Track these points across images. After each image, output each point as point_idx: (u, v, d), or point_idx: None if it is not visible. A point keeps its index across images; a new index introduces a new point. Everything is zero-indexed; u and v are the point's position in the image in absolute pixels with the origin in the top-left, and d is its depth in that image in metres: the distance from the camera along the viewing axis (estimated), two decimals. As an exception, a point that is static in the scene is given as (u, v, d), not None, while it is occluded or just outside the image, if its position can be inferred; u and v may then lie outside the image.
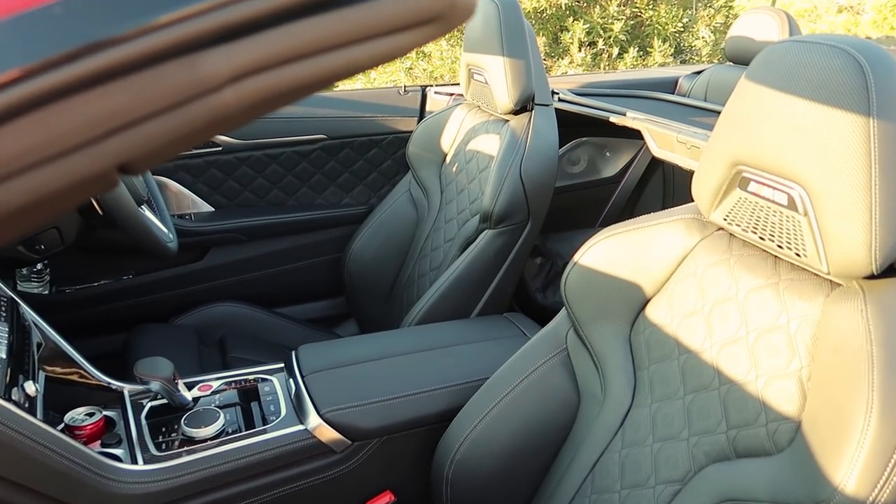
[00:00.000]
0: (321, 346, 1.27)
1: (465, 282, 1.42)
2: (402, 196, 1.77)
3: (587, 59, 4.95)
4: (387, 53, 0.33)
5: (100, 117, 0.27)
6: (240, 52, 0.29)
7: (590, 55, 4.97)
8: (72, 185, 0.28)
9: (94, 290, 1.71)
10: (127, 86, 0.27)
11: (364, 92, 1.89)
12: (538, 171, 1.40)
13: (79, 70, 0.27)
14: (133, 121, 0.28)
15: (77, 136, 0.28)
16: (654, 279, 0.96)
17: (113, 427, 1.13)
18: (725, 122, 0.83)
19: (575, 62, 4.93)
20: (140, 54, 0.27)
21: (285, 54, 0.30)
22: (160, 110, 0.28)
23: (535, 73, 1.44)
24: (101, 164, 0.28)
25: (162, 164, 0.32)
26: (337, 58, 0.31)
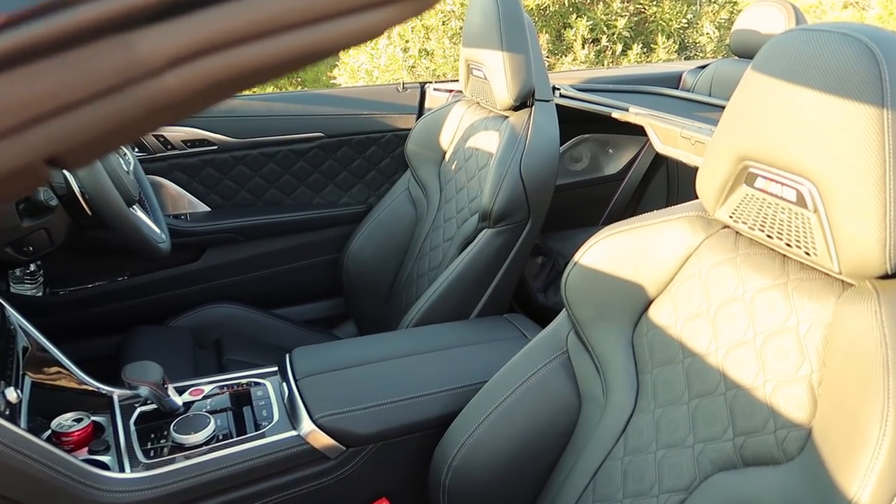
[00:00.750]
0: (315, 348, 1.24)
1: (463, 282, 1.39)
2: (400, 195, 1.74)
3: (591, 56, 4.91)
4: (354, 34, 0.30)
5: (21, 103, 0.24)
6: (180, 31, 0.25)
7: (593, 52, 4.93)
8: (-8, 179, 0.25)
9: (89, 291, 1.68)
10: (51, 67, 0.24)
11: (362, 89, 1.86)
12: (538, 168, 1.36)
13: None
14: (60, 107, 0.25)
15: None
16: (657, 279, 0.92)
17: (102, 433, 1.10)
18: (730, 115, 0.80)
19: (578, 59, 4.89)
20: (64, 31, 0.24)
21: (234, 34, 0.26)
22: (91, 96, 0.25)
23: (535, 68, 1.41)
24: (25, 157, 0.25)
25: (101, 157, 0.29)
26: (295, 39, 0.28)
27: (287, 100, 1.78)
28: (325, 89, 4.51)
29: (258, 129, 1.74)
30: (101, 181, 1.14)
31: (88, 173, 1.13)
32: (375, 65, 4.84)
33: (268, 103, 1.75)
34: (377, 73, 4.87)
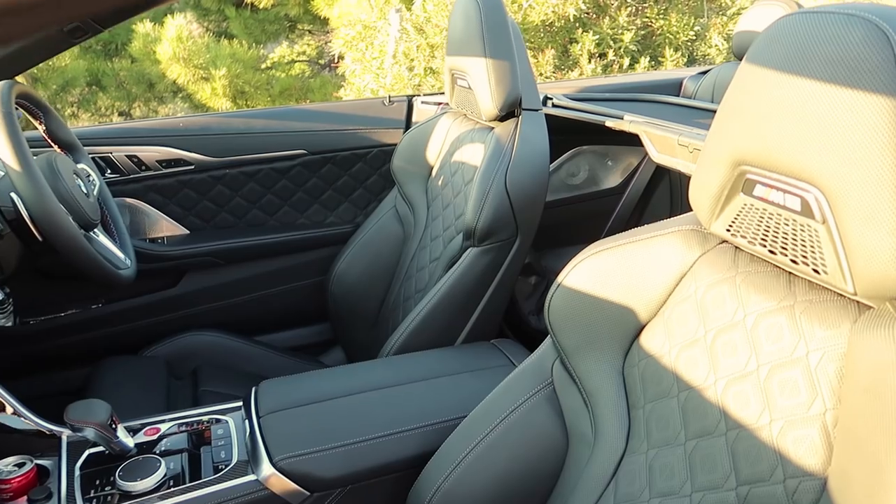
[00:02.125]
0: (284, 381, 1.14)
1: (448, 305, 1.29)
2: (387, 213, 1.65)
3: (597, 70, 4.84)
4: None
5: None
6: None
7: (600, 66, 4.86)
8: None
9: (61, 320, 1.60)
10: None
11: (346, 104, 1.79)
12: (526, 181, 1.27)
13: None
14: None
15: None
16: (648, 302, 0.82)
17: (46, 478, 1.00)
18: (724, 115, 0.70)
19: (585, 74, 4.82)
20: None
21: None
22: None
23: (521, 75, 1.32)
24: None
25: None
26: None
27: (266, 116, 1.70)
28: (307, 104, 4.44)
29: (237, 147, 1.66)
30: (49, 205, 1.06)
31: (36, 197, 1.05)
32: (381, 84, 4.79)
33: (246, 119, 1.68)
34: (382, 92, 4.82)
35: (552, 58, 4.85)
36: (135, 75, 6.10)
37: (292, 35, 7.15)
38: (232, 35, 6.44)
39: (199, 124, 1.65)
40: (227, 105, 5.78)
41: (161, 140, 1.60)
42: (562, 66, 4.95)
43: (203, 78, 5.74)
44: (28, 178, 1.04)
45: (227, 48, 5.84)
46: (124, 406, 1.37)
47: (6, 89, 1.09)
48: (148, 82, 6.16)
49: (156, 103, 6.60)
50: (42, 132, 1.30)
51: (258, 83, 6.00)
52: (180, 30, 5.51)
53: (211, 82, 5.71)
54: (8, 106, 1.06)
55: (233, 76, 5.76)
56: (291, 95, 6.18)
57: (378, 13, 5.07)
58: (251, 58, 5.99)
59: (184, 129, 1.63)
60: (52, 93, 5.57)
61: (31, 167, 1.05)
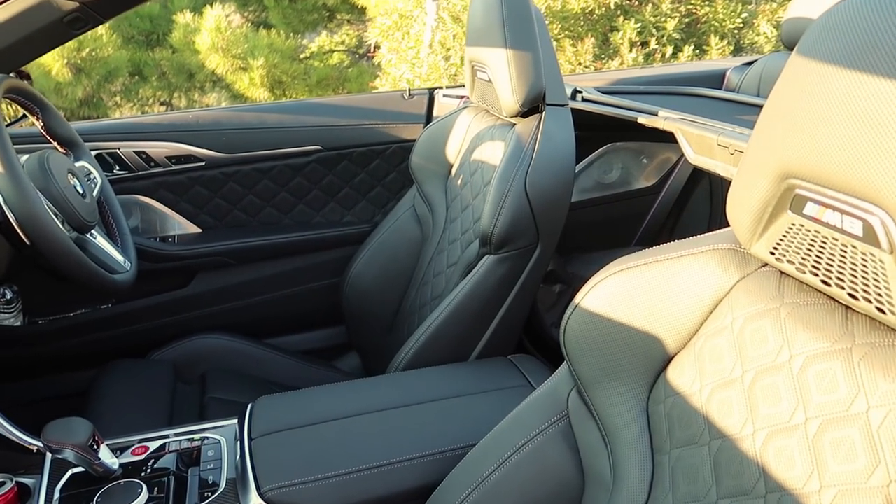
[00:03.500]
0: (282, 398, 1.07)
1: (461, 317, 1.20)
2: (405, 213, 1.56)
3: (639, 59, 4.67)
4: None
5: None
6: None
7: (642, 55, 4.68)
8: None
9: (70, 320, 1.56)
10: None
11: (363, 97, 1.70)
12: (548, 183, 1.16)
13: None
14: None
15: None
16: (677, 330, 0.71)
17: (28, 497, 0.95)
18: (770, 116, 0.59)
19: (626, 63, 4.65)
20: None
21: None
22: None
23: (546, 67, 1.21)
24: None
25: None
26: None
27: (280, 110, 1.63)
28: (322, 97, 4.37)
29: (249, 143, 1.59)
30: (33, 207, 1.00)
31: (20, 199, 0.99)
32: (417, 74, 4.71)
33: (258, 114, 1.60)
34: (418, 82, 4.73)
35: (592, 47, 4.69)
36: (175, 65, 6.13)
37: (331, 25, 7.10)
38: (270, 25, 6.42)
39: (209, 119, 1.58)
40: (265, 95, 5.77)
41: (170, 135, 1.54)
42: (602, 56, 4.79)
43: (241, 68, 5.73)
44: (11, 179, 0.98)
45: (265, 38, 5.82)
46: (125, 414, 1.32)
47: (-7, 85, 1.03)
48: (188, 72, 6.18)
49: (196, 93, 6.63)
50: (40, 128, 1.25)
51: (295, 73, 5.97)
52: (219, 20, 5.51)
53: (249, 72, 5.70)
54: (-7, 102, 1.00)
55: (270, 66, 5.74)
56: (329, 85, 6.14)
57: (414, 2, 4.98)
58: (289, 48, 5.97)
59: (194, 124, 1.56)
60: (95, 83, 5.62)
61: (15, 167, 0.99)
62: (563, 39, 4.82)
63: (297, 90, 5.83)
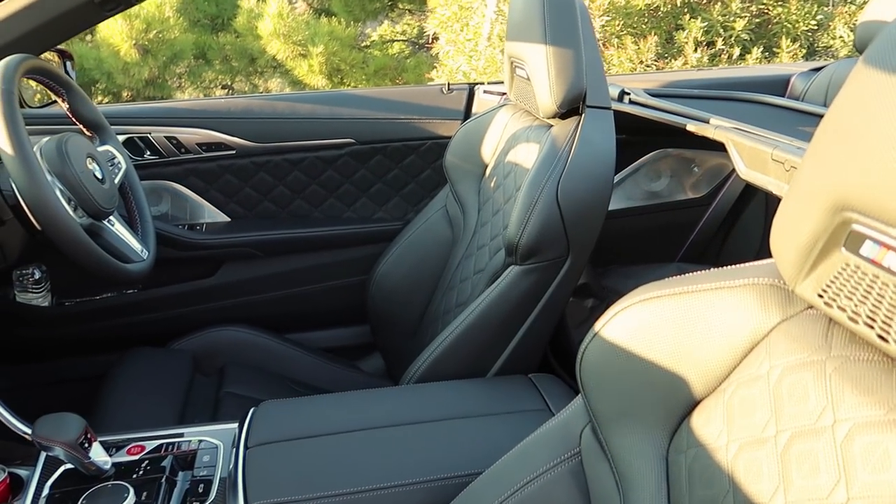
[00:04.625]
0: (285, 404, 1.02)
1: (482, 329, 1.12)
2: (437, 212, 1.49)
3: (703, 59, 4.48)
4: None
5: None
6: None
7: (707, 56, 4.49)
8: None
9: (96, 304, 1.55)
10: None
11: (400, 90, 1.63)
12: (582, 191, 1.08)
13: None
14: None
15: None
16: (705, 373, 0.63)
17: (20, 489, 0.92)
18: (827, 134, 0.50)
19: (689, 63, 4.47)
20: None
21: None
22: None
23: (588, 67, 1.12)
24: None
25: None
26: None
27: (313, 100, 1.58)
28: (357, 89, 4.31)
29: (281, 133, 1.55)
30: (42, 193, 0.97)
31: (29, 184, 0.96)
32: (474, 66, 4.63)
33: (291, 104, 1.56)
34: (474, 75, 4.66)
35: (654, 45, 4.53)
36: (238, 50, 6.20)
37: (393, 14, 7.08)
38: (332, 13, 6.43)
39: (241, 106, 1.54)
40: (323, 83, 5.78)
41: (201, 122, 1.51)
42: (664, 55, 4.61)
43: (301, 55, 5.76)
44: (21, 163, 0.95)
45: (325, 26, 5.83)
46: (138, 403, 1.30)
47: (11, 64, 1.01)
48: (250, 57, 6.25)
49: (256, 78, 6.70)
50: (65, 110, 1.23)
51: (354, 61, 5.97)
52: (282, 6, 5.55)
53: (308, 59, 5.73)
54: (8, 83, 0.98)
55: (329, 54, 5.76)
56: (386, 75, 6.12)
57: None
58: (349, 36, 5.97)
59: (225, 111, 1.53)
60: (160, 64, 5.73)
61: (25, 151, 0.96)
62: (625, 37, 4.66)
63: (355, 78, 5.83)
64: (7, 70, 1.00)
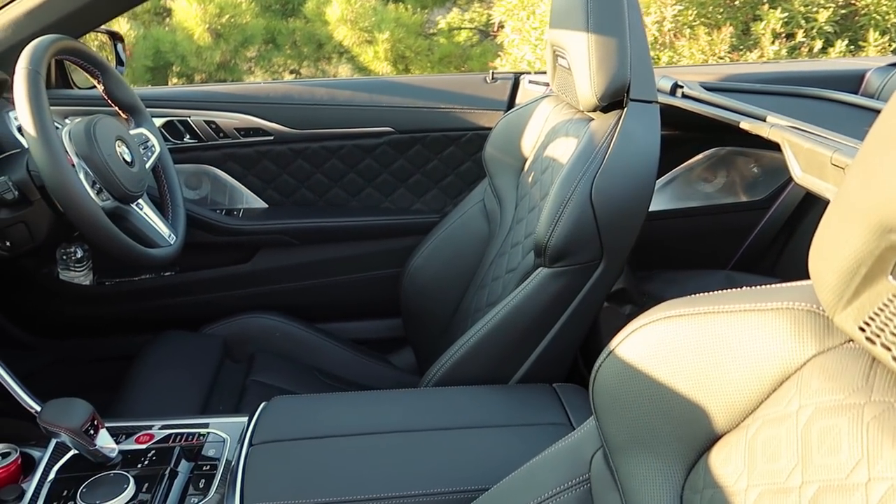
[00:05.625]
0: (296, 402, 0.99)
1: (506, 333, 1.07)
2: (474, 206, 1.44)
3: (781, 52, 4.24)
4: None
5: None
6: None
7: (785, 48, 4.25)
8: None
9: (133, 284, 1.57)
10: None
11: (442, 78, 1.58)
12: (619, 191, 1.00)
13: None
14: None
15: None
16: (729, 405, 0.56)
17: (31, 470, 0.93)
18: (875, 145, 0.42)
19: (766, 56, 4.24)
20: None
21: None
22: None
23: (634, 57, 1.04)
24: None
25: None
26: None
27: (352, 87, 1.54)
28: (397, 76, 4.23)
29: (319, 120, 1.52)
30: (62, 174, 0.96)
31: (50, 166, 0.96)
32: (538, 56, 4.53)
33: (331, 90, 1.53)
34: (539, 64, 4.55)
35: (729, 36, 4.31)
36: (306, 35, 6.26)
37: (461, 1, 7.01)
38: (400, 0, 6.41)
39: (280, 92, 1.52)
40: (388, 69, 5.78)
41: (240, 107, 1.50)
42: (739, 46, 4.39)
43: (367, 41, 5.77)
44: (43, 146, 0.95)
45: (392, 12, 5.82)
46: (164, 386, 1.30)
47: (41, 45, 1.01)
48: (317, 42, 6.30)
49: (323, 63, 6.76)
50: (101, 92, 1.23)
51: (419, 49, 5.95)
52: (350, -8, 5.55)
53: (374, 45, 5.74)
54: (36, 64, 0.97)
55: (395, 40, 5.75)
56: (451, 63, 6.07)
57: (542, -21, 4.77)
58: (415, 22, 5.94)
59: (264, 96, 1.51)
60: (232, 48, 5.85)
61: (48, 133, 0.95)
62: (698, 27, 4.46)
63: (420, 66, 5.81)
64: (36, 51, 0.99)
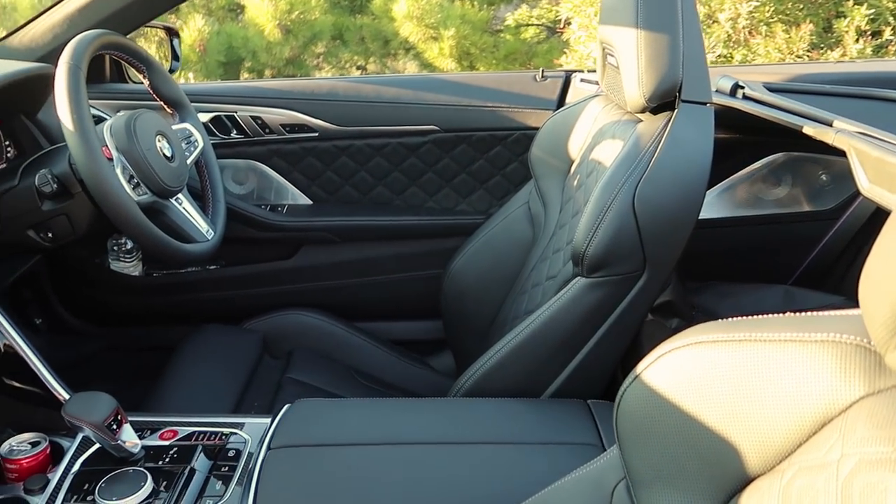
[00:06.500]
0: (321, 405, 0.97)
1: (540, 344, 1.01)
2: (518, 209, 1.39)
3: (865, 51, 4.00)
4: None
5: None
6: None
7: (870, 47, 4.00)
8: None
9: (181, 277, 1.59)
10: None
11: (489, 76, 1.54)
12: (665, 198, 0.94)
13: None
14: None
15: None
16: (763, 445, 0.50)
17: (60, 458, 0.94)
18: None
19: (849, 55, 4.01)
20: None
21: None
22: None
23: (687, 56, 0.97)
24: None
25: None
26: None
27: (399, 84, 1.52)
28: (444, 73, 4.15)
29: (364, 117, 1.50)
30: (97, 169, 0.97)
31: (86, 161, 0.96)
32: (605, 53, 4.41)
33: (376, 87, 1.50)
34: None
35: (808, 34, 4.09)
36: (373, 32, 6.30)
37: (529, -2, 6.93)
38: (468, -4, 6.38)
39: (326, 88, 1.51)
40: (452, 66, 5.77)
41: (286, 103, 1.49)
42: (820, 45, 4.16)
43: (432, 38, 5.77)
44: (80, 140, 0.96)
45: (458, 9, 5.80)
46: (200, 380, 1.31)
47: (84, 41, 1.02)
48: (384, 39, 6.34)
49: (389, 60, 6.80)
50: (146, 87, 1.24)
51: (484, 45, 5.90)
52: (417, -12, 5.56)
53: (439, 42, 5.73)
54: (77, 59, 0.98)
55: (460, 37, 5.72)
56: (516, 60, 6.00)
57: (611, -25, 4.63)
58: (481, 19, 5.90)
59: (310, 92, 1.50)
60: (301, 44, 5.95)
61: (85, 127, 0.96)
62: (775, 24, 4.25)
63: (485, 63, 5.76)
64: (78, 46, 1.00)
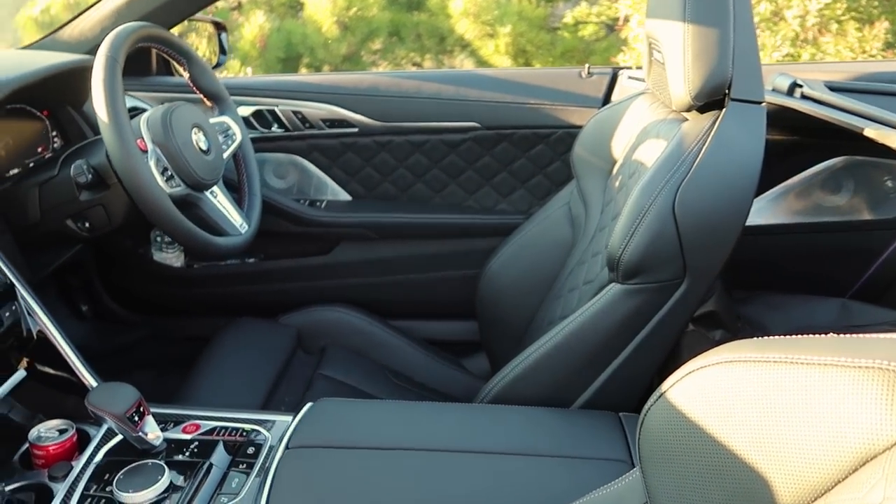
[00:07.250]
0: (343, 405, 0.96)
1: (571, 352, 0.97)
2: (559, 210, 1.35)
3: (946, 50, 3.77)
4: None
5: None
6: None
7: (951, 45, 3.78)
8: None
9: (219, 269, 1.60)
10: None
11: (533, 72, 1.50)
12: (708, 203, 0.88)
13: None
14: None
15: None
16: (797, 479, 0.45)
17: (86, 445, 0.95)
18: None
19: (925, 54, 3.79)
20: None
21: None
22: None
23: (738, 51, 0.91)
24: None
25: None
26: None
27: (440, 80, 1.49)
28: (486, 69, 4.07)
29: (403, 113, 1.48)
30: (131, 161, 0.97)
31: (119, 153, 0.97)
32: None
33: (417, 82, 1.48)
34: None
35: (884, 32, 3.88)
36: (430, 28, 6.30)
37: (588, -6, 6.82)
38: (527, -7, 6.32)
39: (367, 83, 1.49)
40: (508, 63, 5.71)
41: (326, 97, 1.48)
42: (894, 44, 3.96)
43: (488, 35, 5.73)
44: (113, 132, 0.96)
45: (515, 6, 5.74)
46: (232, 373, 1.31)
47: (122, 33, 1.02)
48: (440, 36, 6.33)
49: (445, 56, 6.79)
50: (186, 80, 1.25)
51: (540, 43, 5.83)
52: (473, -15, 5.53)
53: (495, 39, 5.68)
54: (115, 51, 0.99)
55: (516, 34, 5.67)
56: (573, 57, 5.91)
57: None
58: (538, 16, 5.83)
59: (352, 87, 1.49)
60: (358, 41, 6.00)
61: (120, 119, 0.97)
62: (847, 22, 4.05)
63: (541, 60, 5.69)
64: (116, 39, 1.01)
